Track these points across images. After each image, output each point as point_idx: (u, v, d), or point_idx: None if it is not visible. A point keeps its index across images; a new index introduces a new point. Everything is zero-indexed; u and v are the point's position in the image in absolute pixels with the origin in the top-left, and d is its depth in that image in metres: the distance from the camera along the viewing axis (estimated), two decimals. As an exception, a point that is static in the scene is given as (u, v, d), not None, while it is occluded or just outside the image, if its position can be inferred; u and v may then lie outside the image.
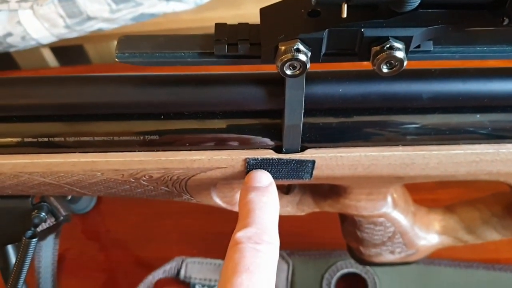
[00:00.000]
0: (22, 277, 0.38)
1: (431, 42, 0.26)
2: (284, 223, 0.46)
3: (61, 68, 0.86)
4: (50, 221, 0.45)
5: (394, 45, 0.23)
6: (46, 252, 0.53)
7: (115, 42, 0.81)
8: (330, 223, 0.47)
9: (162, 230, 0.55)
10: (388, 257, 0.42)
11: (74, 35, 0.68)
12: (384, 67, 0.24)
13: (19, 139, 0.30)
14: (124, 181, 0.32)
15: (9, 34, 0.67)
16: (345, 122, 0.30)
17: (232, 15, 0.71)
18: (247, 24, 0.26)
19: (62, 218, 0.44)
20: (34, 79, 0.29)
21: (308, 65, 0.24)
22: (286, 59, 0.24)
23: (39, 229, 0.37)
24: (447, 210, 0.42)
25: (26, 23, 0.65)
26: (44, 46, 0.77)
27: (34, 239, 0.36)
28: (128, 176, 0.31)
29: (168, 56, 0.26)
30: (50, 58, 0.84)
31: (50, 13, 0.65)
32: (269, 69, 0.29)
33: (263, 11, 0.26)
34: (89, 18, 0.66)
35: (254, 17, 0.27)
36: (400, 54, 0.23)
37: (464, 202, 0.42)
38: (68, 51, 0.83)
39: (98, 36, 0.75)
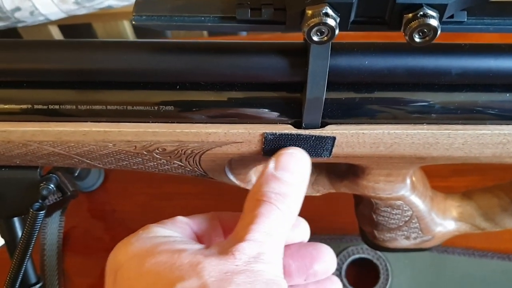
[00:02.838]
0: (29, 251, 0.37)
1: (465, 12, 0.24)
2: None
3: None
4: (57, 196, 0.45)
5: (428, 13, 0.22)
6: (52, 229, 0.53)
7: (124, 21, 0.79)
8: (342, 208, 0.46)
9: (170, 211, 0.54)
10: (403, 243, 0.41)
11: (83, 11, 0.67)
12: (417, 36, 0.23)
13: (28, 106, 0.29)
14: (137, 153, 0.31)
15: (17, 9, 0.66)
16: (369, 98, 0.29)
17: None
18: (272, -13, 0.25)
19: (69, 193, 0.43)
20: (45, 43, 0.28)
21: (337, 31, 0.23)
22: (313, 23, 0.22)
23: (46, 202, 0.36)
24: (465, 197, 0.41)
25: (35, -2, 0.64)
26: (52, 23, 0.76)
27: (41, 212, 0.36)
28: (140, 148, 0.30)
29: (187, 20, 0.24)
30: (58, 36, 0.83)
31: (59, -13, 0.64)
32: (291, 39, 0.28)
33: None
34: (99, -6, 0.64)
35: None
36: (434, 22, 0.22)
37: (482, 189, 0.41)
38: (76, 29, 0.82)
39: (107, 14, 0.73)
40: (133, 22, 0.24)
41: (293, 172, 0.28)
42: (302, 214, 0.50)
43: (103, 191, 0.57)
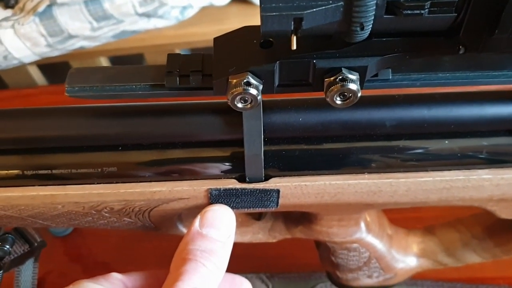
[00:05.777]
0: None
1: (390, 70, 0.25)
2: (264, 245, 0.46)
3: (50, 86, 0.86)
4: (25, 248, 0.45)
5: (347, 77, 0.22)
6: (26, 276, 0.53)
7: (100, 58, 0.79)
8: (310, 245, 0.46)
9: (141, 253, 0.54)
10: (366, 281, 0.41)
11: (56, 53, 0.68)
12: (338, 99, 0.23)
13: (-25, 173, 0.29)
14: (86, 213, 0.31)
15: (-9, 54, 0.67)
16: (308, 150, 0.29)
17: (216, 30, 0.70)
18: (201, 54, 0.26)
19: (36, 244, 0.44)
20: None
21: (259, 98, 0.23)
22: (236, 92, 0.23)
23: (5, 261, 0.36)
24: (427, 232, 0.41)
25: (7, 43, 0.65)
26: (30, 64, 0.77)
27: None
28: (89, 208, 0.30)
29: (118, 89, 0.25)
30: (37, 75, 0.84)
31: (31, 32, 0.64)
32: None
33: (217, 40, 0.25)
34: (71, 37, 0.65)
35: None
36: (353, 86, 0.22)
37: (444, 224, 0.41)
38: (54, 68, 0.83)
39: (82, 53, 0.74)
40: (66, 94, 0.25)
41: (219, 228, 0.28)
42: (271, 252, 0.50)
43: (78, 235, 0.57)
